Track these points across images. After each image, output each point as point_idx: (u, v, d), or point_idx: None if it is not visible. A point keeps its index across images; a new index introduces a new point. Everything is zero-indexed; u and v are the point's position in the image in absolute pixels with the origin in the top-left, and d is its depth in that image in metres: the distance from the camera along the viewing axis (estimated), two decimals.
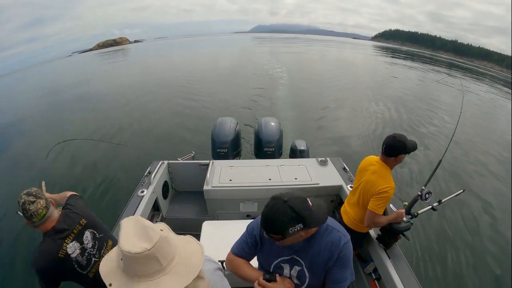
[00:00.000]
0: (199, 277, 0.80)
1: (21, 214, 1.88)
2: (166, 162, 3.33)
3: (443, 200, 2.16)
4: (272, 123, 4.09)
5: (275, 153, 3.95)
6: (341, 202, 2.93)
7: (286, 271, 1.28)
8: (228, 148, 3.79)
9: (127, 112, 10.82)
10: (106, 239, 1.57)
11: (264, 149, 3.92)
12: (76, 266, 1.43)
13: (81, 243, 1.44)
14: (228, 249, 2.09)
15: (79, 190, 5.62)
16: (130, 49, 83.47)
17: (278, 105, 11.13)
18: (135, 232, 0.72)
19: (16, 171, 6.95)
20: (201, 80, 15.80)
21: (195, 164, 3.32)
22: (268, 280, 1.24)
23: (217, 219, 2.98)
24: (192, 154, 3.83)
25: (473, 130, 9.72)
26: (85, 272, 1.47)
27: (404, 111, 11.20)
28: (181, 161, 3.50)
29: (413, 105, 12.23)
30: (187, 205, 3.26)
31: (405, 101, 12.90)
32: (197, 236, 2.23)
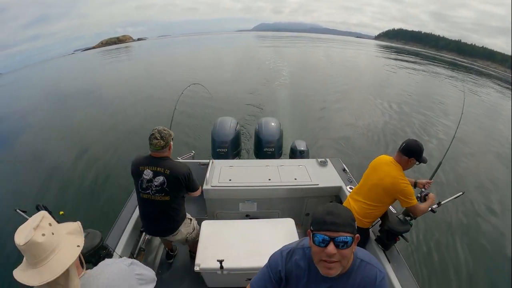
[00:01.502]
0: (69, 275, 0.92)
1: (19, 212, 1.91)
2: None
3: (442, 202, 2.16)
4: (272, 123, 4.09)
5: (275, 153, 3.95)
6: (340, 203, 2.92)
7: None
8: (228, 148, 3.79)
9: (126, 110, 10.85)
10: (166, 193, 2.03)
11: (264, 149, 3.92)
12: (140, 182, 2.03)
13: (154, 177, 1.99)
14: (227, 249, 2.11)
15: (79, 187, 5.68)
16: (133, 47, 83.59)
17: (279, 105, 11.13)
18: (27, 227, 0.87)
19: (19, 167, 7.00)
20: (201, 79, 15.77)
21: (194, 163, 3.30)
22: None
23: (217, 219, 2.97)
24: (192, 154, 3.83)
25: (474, 132, 9.69)
26: (140, 190, 2.05)
27: (406, 112, 11.17)
28: (181, 160, 3.49)
29: (415, 106, 12.18)
30: (186, 205, 3.26)
31: (407, 102, 12.85)
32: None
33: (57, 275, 0.88)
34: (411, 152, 1.97)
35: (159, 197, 2.03)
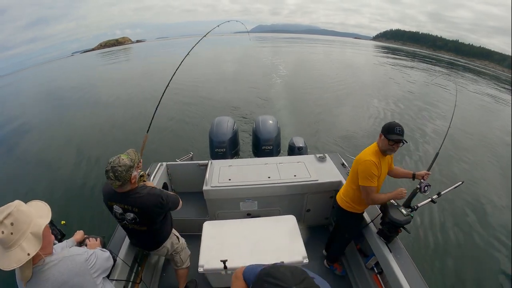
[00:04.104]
0: (22, 267, 1.06)
1: None
2: (164, 163, 3.30)
3: (442, 193, 2.16)
4: (270, 121, 4.08)
5: (273, 151, 3.94)
6: None
7: None
8: (226, 148, 3.77)
9: (123, 114, 10.70)
10: (142, 225, 1.89)
11: (262, 147, 3.91)
12: (113, 213, 1.89)
13: (124, 213, 1.83)
14: (230, 248, 2.11)
15: (78, 190, 5.64)
16: (133, 48, 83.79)
17: (276, 103, 11.14)
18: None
19: (19, 170, 6.98)
20: (198, 80, 15.66)
21: (194, 164, 3.29)
22: None
23: (218, 219, 2.95)
24: (191, 155, 3.80)
25: (471, 123, 9.88)
26: (116, 219, 1.93)
27: (402, 107, 11.27)
28: (179, 162, 3.46)
29: (411, 102, 12.30)
30: (187, 206, 3.17)
31: (404, 98, 12.97)
32: (198, 237, 2.23)
33: (5, 269, 1.03)
34: (384, 128, 1.99)
35: (136, 227, 1.91)
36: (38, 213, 1.15)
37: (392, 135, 1.92)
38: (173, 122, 9.16)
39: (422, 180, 2.18)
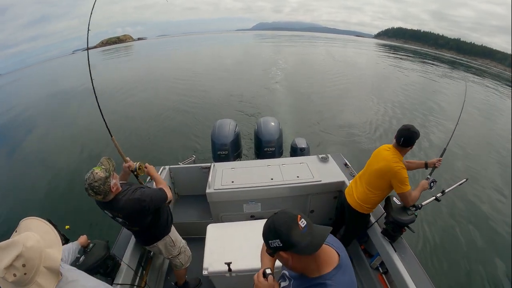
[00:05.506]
0: None
1: None
2: (167, 167, 3.30)
3: (446, 191, 2.19)
4: (272, 123, 4.08)
5: (276, 153, 3.95)
6: (344, 198, 2.96)
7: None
8: (228, 150, 3.77)
9: (126, 118, 10.47)
10: (132, 226, 1.99)
11: (265, 149, 3.92)
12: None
13: (114, 217, 1.88)
14: (234, 251, 2.12)
15: (81, 193, 5.62)
16: (134, 46, 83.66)
17: (277, 103, 11.10)
18: (5, 255, 0.93)
19: (22, 171, 6.99)
20: (198, 81, 15.59)
21: (196, 167, 3.30)
22: (264, 275, 1.20)
23: (221, 222, 2.96)
24: (193, 158, 3.81)
25: (477, 121, 9.88)
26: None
27: (408, 104, 11.26)
28: (182, 166, 3.46)
29: (417, 98, 12.26)
30: (190, 209, 3.25)
31: (408, 94, 12.94)
32: (202, 240, 2.24)
33: None
34: (413, 141, 2.02)
35: (129, 228, 2.04)
36: (46, 241, 1.08)
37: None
38: (174, 125, 9.16)
39: (428, 176, 2.24)
